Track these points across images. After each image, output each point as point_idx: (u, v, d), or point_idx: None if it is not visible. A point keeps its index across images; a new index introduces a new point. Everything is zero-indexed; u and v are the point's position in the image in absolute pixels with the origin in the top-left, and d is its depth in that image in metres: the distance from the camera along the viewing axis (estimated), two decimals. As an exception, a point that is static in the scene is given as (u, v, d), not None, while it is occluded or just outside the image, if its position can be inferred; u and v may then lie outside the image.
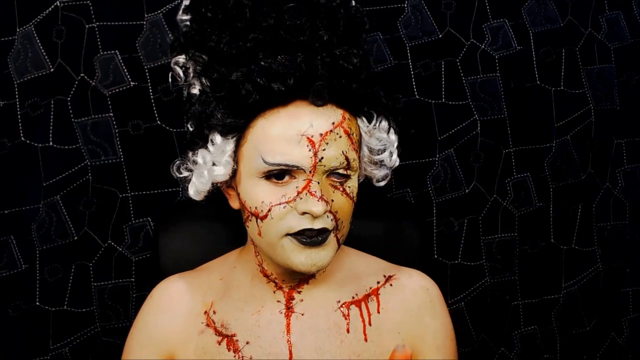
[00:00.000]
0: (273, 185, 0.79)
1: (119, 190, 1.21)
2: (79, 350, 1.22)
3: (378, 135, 0.85)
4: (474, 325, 1.32)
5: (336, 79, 0.79)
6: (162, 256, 1.01)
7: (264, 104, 0.78)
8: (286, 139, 0.77)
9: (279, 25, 0.80)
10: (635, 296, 1.43)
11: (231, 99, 0.79)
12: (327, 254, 0.80)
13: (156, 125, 1.21)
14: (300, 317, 0.86)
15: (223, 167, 0.82)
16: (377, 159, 0.87)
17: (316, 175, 0.77)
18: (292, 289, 0.88)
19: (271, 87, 0.77)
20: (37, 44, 1.17)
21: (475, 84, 1.29)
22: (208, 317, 0.87)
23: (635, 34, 1.36)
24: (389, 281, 0.91)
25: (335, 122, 0.79)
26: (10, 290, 1.19)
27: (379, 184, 0.91)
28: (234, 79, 0.79)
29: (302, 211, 0.77)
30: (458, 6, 1.28)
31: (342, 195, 0.80)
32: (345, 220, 0.82)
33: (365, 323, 0.87)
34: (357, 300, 0.88)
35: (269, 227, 0.79)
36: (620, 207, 1.40)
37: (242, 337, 0.85)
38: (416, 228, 1.06)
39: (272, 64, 0.77)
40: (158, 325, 0.89)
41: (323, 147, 0.77)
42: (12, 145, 1.18)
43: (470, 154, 1.31)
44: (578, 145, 1.35)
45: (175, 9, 1.19)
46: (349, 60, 0.80)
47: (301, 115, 0.78)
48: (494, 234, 1.34)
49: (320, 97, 0.78)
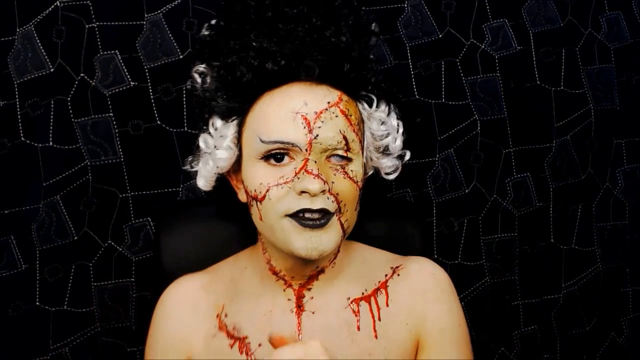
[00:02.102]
0: (272, 167, 0.79)
1: (119, 190, 1.21)
2: (79, 350, 1.22)
3: (378, 116, 0.86)
4: (474, 325, 1.32)
5: (326, 56, 0.81)
6: (163, 256, 1.01)
7: (260, 86, 0.81)
8: (281, 117, 0.79)
9: (277, 17, 0.83)
10: (635, 296, 1.43)
11: (228, 81, 0.83)
12: (331, 238, 0.79)
13: (156, 125, 1.21)
14: (311, 315, 0.85)
15: (225, 151, 0.84)
16: (380, 144, 0.87)
17: (313, 154, 0.78)
18: (302, 286, 0.86)
19: (264, 67, 0.80)
20: (37, 44, 1.17)
21: (475, 84, 1.29)
22: (220, 320, 0.87)
23: (635, 34, 1.37)
24: (396, 272, 0.90)
25: (331, 102, 0.80)
26: (10, 290, 1.19)
27: (388, 177, 0.91)
28: (229, 62, 0.83)
29: (300, 190, 0.76)
30: (458, 6, 1.28)
31: (345, 178, 0.80)
32: (349, 204, 0.80)
33: (375, 319, 0.86)
34: (366, 295, 0.87)
35: (268, 209, 0.79)
36: (620, 207, 1.41)
37: (255, 339, 0.84)
38: (418, 228, 1.06)
39: (263, 44, 0.81)
40: (174, 330, 0.88)
41: (318, 125, 0.78)
42: (12, 145, 1.18)
43: (470, 154, 1.31)
44: (578, 145, 1.35)
45: (176, 9, 1.19)
46: (338, 38, 0.82)
47: (295, 94, 0.80)
48: (494, 234, 1.34)
49: (310, 72, 0.80)
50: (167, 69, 1.20)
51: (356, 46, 0.85)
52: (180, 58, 1.20)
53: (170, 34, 1.19)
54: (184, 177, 1.22)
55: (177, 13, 1.20)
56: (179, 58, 1.20)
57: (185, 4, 1.19)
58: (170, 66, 1.20)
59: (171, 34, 1.19)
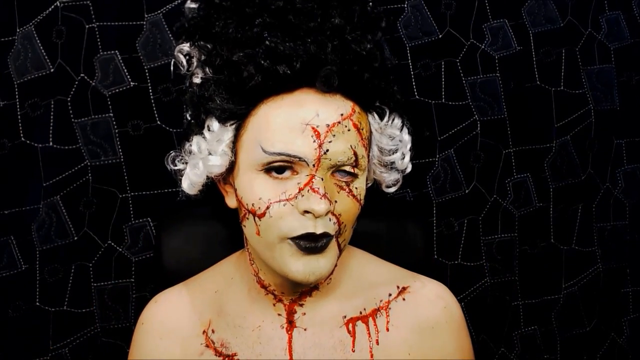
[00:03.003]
0: (273, 180, 0.72)
1: (118, 191, 1.21)
2: (79, 350, 1.22)
3: (390, 132, 0.79)
4: (474, 325, 1.32)
5: (347, 65, 0.72)
6: (164, 256, 1.01)
7: (267, 89, 0.72)
8: (289, 127, 0.70)
9: (289, 8, 0.73)
10: (635, 296, 1.43)
11: (231, 81, 0.73)
12: (328, 261, 0.73)
13: (156, 125, 1.21)
14: (302, 332, 0.80)
15: (219, 158, 0.75)
16: (387, 160, 0.81)
17: (320, 171, 0.71)
18: (293, 302, 0.81)
19: (276, 70, 0.70)
20: (37, 44, 1.17)
21: (475, 84, 1.29)
22: (207, 337, 0.82)
23: (635, 34, 1.37)
24: (402, 294, 0.83)
25: (344, 114, 0.72)
26: (10, 291, 1.19)
27: (388, 190, 0.85)
28: (235, 59, 0.72)
29: (303, 210, 0.70)
30: (458, 6, 1.28)
31: (348, 197, 0.73)
32: (348, 225, 0.75)
33: (372, 342, 0.80)
34: (364, 316, 0.81)
35: (268, 226, 0.72)
36: (620, 208, 1.40)
37: (243, 356, 0.79)
38: (419, 228, 1.06)
39: (278, 45, 0.70)
40: (156, 353, 0.83)
41: (329, 139, 0.70)
42: (12, 145, 1.18)
43: (470, 154, 1.31)
44: (578, 146, 1.35)
45: (176, 9, 1.19)
46: (361, 45, 0.74)
47: (307, 103, 0.71)
48: (494, 234, 1.34)
49: (329, 83, 0.71)
50: (167, 69, 1.20)
51: (379, 53, 0.76)
52: (180, 58, 1.20)
53: (170, 34, 1.19)
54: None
55: (177, 13, 1.20)
56: (179, 58, 1.20)
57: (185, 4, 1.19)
58: (170, 66, 1.20)
59: (171, 34, 1.19)
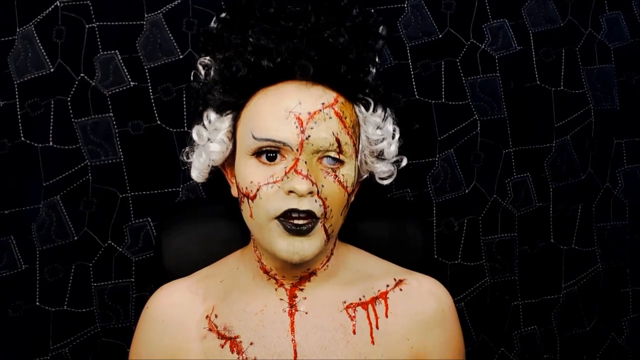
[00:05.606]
0: (263, 165, 0.80)
1: (119, 191, 1.21)
2: (79, 350, 1.22)
3: (374, 121, 0.86)
4: (474, 325, 1.32)
5: (323, 57, 0.81)
6: (165, 256, 1.01)
7: (255, 82, 0.82)
8: (274, 115, 0.79)
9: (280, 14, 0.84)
10: (635, 296, 1.43)
11: (224, 75, 0.84)
12: (313, 244, 0.79)
13: (156, 125, 1.21)
14: (304, 315, 0.85)
15: (218, 145, 0.85)
16: (375, 149, 0.87)
17: (304, 155, 0.78)
18: (293, 286, 0.87)
19: (260, 64, 0.81)
20: (37, 44, 1.17)
21: (475, 84, 1.29)
22: (210, 321, 0.87)
23: (635, 34, 1.36)
24: (398, 285, 0.89)
25: (326, 103, 0.80)
26: (10, 291, 1.19)
27: (382, 182, 0.91)
28: (227, 56, 0.84)
29: (287, 189, 0.77)
30: (458, 6, 1.28)
31: (334, 182, 0.80)
32: (335, 209, 0.80)
33: (372, 326, 0.85)
34: (363, 302, 0.87)
35: (258, 208, 0.80)
36: (620, 207, 1.40)
37: (246, 338, 0.84)
38: (419, 228, 1.06)
39: (261, 41, 0.82)
40: (159, 339, 0.88)
41: (311, 126, 0.78)
42: (12, 145, 1.18)
43: (470, 154, 1.31)
44: (578, 146, 1.35)
45: (176, 9, 1.19)
46: (336, 39, 0.82)
47: (290, 93, 0.80)
48: (494, 234, 1.34)
49: (304, 71, 0.80)
50: (167, 69, 1.20)
51: (354, 48, 0.84)
52: (180, 58, 1.20)
53: (170, 34, 1.19)
54: (184, 177, 1.21)
55: (177, 13, 1.20)
56: (179, 58, 1.20)
57: (185, 4, 1.19)
58: (170, 66, 1.20)
59: (171, 34, 1.19)
